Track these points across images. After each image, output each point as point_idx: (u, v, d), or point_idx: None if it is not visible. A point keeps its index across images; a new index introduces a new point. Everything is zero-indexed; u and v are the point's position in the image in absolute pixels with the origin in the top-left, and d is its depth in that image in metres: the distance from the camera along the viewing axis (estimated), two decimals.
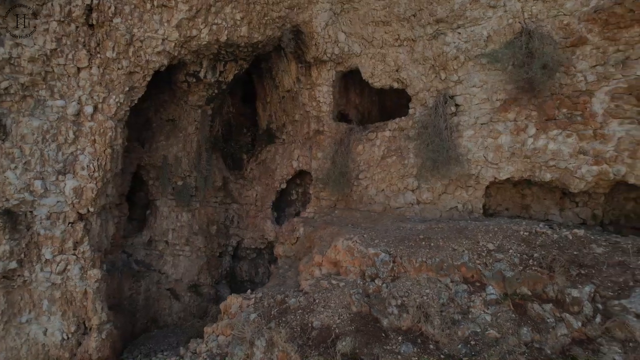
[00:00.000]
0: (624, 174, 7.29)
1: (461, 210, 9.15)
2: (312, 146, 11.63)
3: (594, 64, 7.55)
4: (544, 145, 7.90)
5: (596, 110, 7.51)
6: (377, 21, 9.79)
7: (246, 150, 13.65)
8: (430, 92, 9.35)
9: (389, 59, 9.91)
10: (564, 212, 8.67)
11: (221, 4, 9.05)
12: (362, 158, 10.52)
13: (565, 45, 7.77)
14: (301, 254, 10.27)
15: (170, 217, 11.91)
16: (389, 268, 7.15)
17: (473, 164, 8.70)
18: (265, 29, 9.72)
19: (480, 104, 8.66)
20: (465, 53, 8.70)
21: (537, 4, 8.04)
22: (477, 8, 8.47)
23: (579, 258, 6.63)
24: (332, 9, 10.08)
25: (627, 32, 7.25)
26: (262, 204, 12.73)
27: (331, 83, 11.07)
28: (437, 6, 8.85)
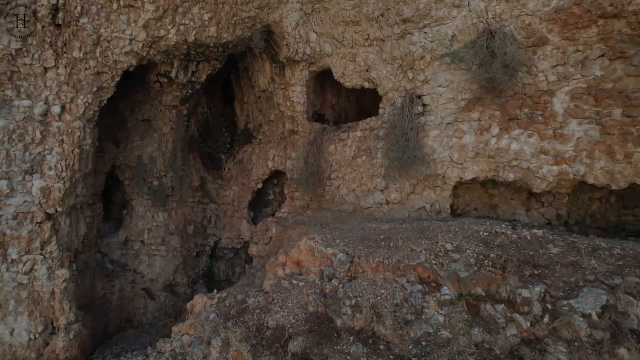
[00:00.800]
0: (583, 173, 7.27)
1: (429, 210, 9.14)
2: (287, 146, 11.64)
3: (554, 64, 7.54)
4: (507, 145, 7.89)
5: (557, 110, 7.50)
6: (347, 21, 9.79)
7: (225, 150, 13.67)
8: (399, 92, 9.35)
9: (359, 58, 9.91)
10: (530, 212, 8.65)
11: (188, 4, 9.06)
12: (334, 158, 10.52)
13: (527, 45, 7.75)
14: (273, 254, 10.28)
15: (146, 217, 11.93)
16: (346, 268, 7.14)
17: (439, 164, 8.69)
18: (234, 29, 9.73)
19: (447, 104, 8.65)
20: (431, 53, 8.69)
21: (500, 4, 8.02)
22: (442, 7, 8.46)
23: (534, 258, 6.62)
24: (303, 9, 10.09)
25: (585, 32, 7.24)
26: (239, 203, 12.75)
27: (304, 83, 11.07)
28: (404, 6, 8.85)
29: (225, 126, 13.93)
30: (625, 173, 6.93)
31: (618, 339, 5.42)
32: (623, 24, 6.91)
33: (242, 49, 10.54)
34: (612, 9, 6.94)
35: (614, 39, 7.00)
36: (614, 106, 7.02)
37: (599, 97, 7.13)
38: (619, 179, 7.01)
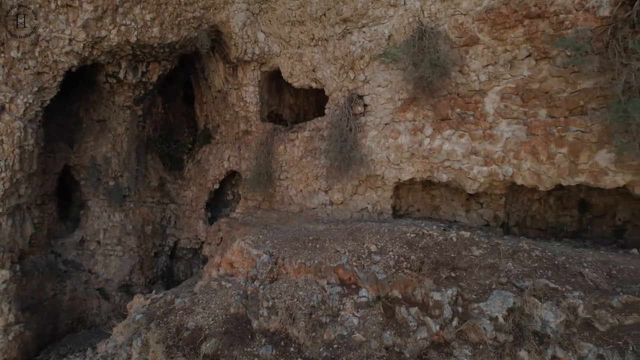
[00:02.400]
0: (512, 174, 7.19)
1: (371, 211, 9.07)
2: (241, 146, 11.59)
3: (485, 64, 7.45)
4: (439, 146, 7.81)
5: (488, 110, 7.41)
6: (293, 21, 9.72)
7: (187, 150, 13.64)
8: (342, 92, 9.28)
9: (305, 58, 9.85)
10: (469, 214, 8.57)
11: (129, 4, 9.03)
12: (284, 158, 10.46)
13: (460, 45, 7.67)
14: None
15: (102, 217, 11.91)
16: (268, 269, 7.08)
17: (377, 165, 8.62)
18: (179, 30, 9.69)
19: (385, 104, 8.58)
20: (370, 52, 8.63)
21: (435, 3, 7.94)
22: (379, 7, 8.39)
23: (455, 260, 6.53)
24: (250, 9, 10.03)
25: (512, 32, 7.15)
26: (197, 204, 12.71)
27: (257, 83, 11.02)
28: (343, 5, 8.78)
29: (187, 126, 13.90)
30: (549, 174, 6.84)
31: (520, 341, 5.35)
32: (546, 24, 6.82)
33: (192, 49, 10.49)
34: (536, 9, 6.86)
35: (538, 39, 6.91)
36: (540, 106, 6.94)
37: (525, 98, 7.04)
38: (545, 179, 6.92)
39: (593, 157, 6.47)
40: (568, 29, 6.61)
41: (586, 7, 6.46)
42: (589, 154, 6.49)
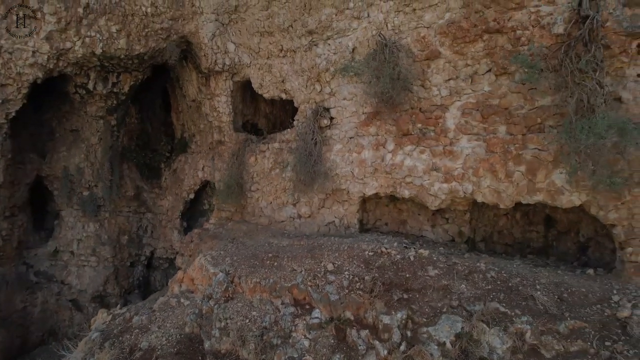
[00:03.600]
0: (472, 192, 7.07)
1: (338, 225, 8.96)
2: (215, 157, 11.50)
3: (447, 78, 7.34)
4: (401, 161, 7.70)
5: (449, 125, 7.30)
6: (262, 32, 9.62)
7: (164, 159, 13.55)
8: (310, 104, 9.17)
9: (274, 70, 9.75)
10: (435, 229, 8.46)
11: (94, 16, 8.94)
12: (255, 170, 10.37)
13: (422, 59, 7.56)
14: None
15: (76, 227, 11.84)
16: (224, 288, 6.98)
17: (342, 179, 8.52)
18: (147, 41, 9.60)
19: (350, 117, 8.47)
20: (335, 65, 8.52)
21: (399, 16, 7.83)
22: (343, 19, 8.28)
23: (410, 281, 6.42)
24: (219, 20, 9.93)
25: (473, 46, 7.03)
26: (172, 214, 12.63)
27: (229, 93, 10.92)
28: (308, 17, 8.68)
29: (165, 134, 13.81)
30: (509, 192, 6.73)
31: None
32: (505, 39, 6.70)
33: (162, 60, 10.39)
34: (495, 24, 6.75)
35: (497, 54, 6.80)
36: (499, 123, 6.83)
37: (485, 114, 6.93)
38: (505, 197, 6.81)
39: (550, 176, 6.35)
40: (525, 45, 6.50)
41: (542, 24, 6.35)
42: (545, 173, 6.38)
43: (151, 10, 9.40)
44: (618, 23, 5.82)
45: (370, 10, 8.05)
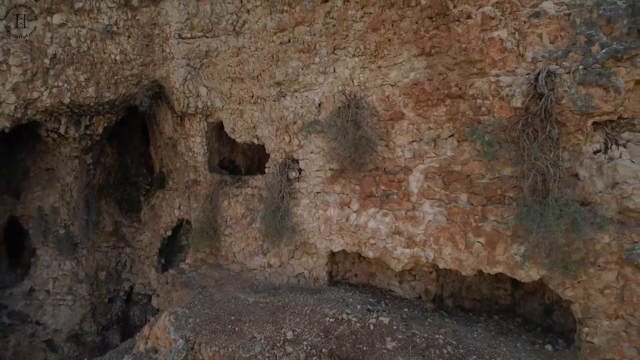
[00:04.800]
0: (433, 258, 6.99)
1: (307, 277, 8.89)
2: (190, 196, 11.44)
3: (410, 140, 7.26)
4: (365, 223, 7.62)
5: (412, 189, 7.21)
6: (233, 77, 9.54)
7: (144, 191, 13.49)
8: (280, 153, 9.09)
9: (246, 115, 9.67)
10: (402, 285, 8.38)
11: (61, 66, 8.87)
12: (228, 214, 10.29)
13: (387, 119, 7.47)
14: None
15: (52, 266, 11.79)
16: (183, 356, 6.91)
17: (310, 234, 8.44)
18: (117, 88, 9.53)
19: (318, 172, 8.39)
20: (302, 118, 8.44)
21: (364, 72, 7.74)
22: (310, 73, 8.20)
23: (367, 355, 6.35)
24: (191, 64, 9.85)
25: (436, 110, 6.95)
26: (150, 250, 12.57)
27: (204, 134, 10.85)
28: (276, 69, 8.60)
29: (145, 167, 13.75)
30: (469, 262, 6.64)
31: None
32: (467, 106, 6.61)
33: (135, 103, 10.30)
34: (457, 90, 6.66)
35: (460, 120, 6.70)
36: (461, 190, 6.74)
37: (447, 180, 6.84)
38: (466, 266, 6.72)
39: (509, 250, 6.26)
40: (485, 115, 6.41)
41: (501, 95, 6.26)
42: (504, 247, 6.29)
43: (120, 57, 9.32)
44: (573, 102, 5.72)
45: (337, 66, 7.96)
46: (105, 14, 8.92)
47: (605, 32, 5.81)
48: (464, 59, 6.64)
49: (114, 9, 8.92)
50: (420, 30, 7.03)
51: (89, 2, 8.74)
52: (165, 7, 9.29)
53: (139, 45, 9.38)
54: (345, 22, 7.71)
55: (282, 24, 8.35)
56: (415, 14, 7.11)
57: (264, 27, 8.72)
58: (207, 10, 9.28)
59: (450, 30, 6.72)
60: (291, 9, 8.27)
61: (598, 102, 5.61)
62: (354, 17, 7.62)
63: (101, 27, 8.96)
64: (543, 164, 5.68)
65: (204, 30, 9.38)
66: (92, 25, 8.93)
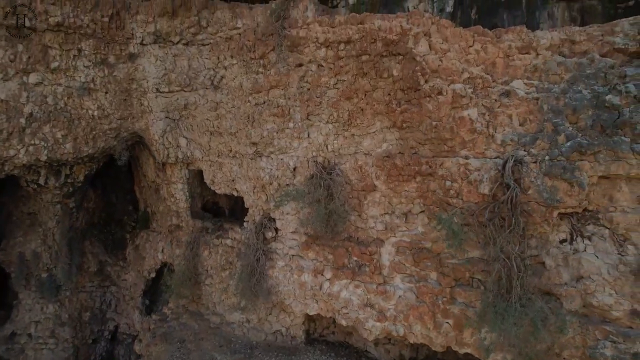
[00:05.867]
0: (404, 333, 6.98)
1: (285, 334, 8.89)
2: (173, 240, 11.42)
3: (382, 212, 7.25)
4: (338, 292, 7.61)
5: (384, 261, 7.20)
6: (212, 131, 9.52)
7: (129, 229, 13.45)
8: (258, 210, 9.08)
9: (225, 169, 9.65)
10: (378, 347, 8.38)
11: (37, 124, 8.85)
12: (209, 263, 10.27)
13: (360, 189, 7.45)
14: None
15: (35, 310, 11.76)
16: None
17: (285, 296, 8.42)
18: (95, 142, 9.51)
19: (293, 234, 8.38)
20: (278, 180, 8.42)
21: (338, 139, 7.73)
22: (284, 137, 8.18)
23: None
24: (170, 116, 9.82)
25: (407, 185, 6.93)
26: (134, 291, 12.55)
27: (185, 180, 10.82)
28: (252, 129, 8.58)
29: (131, 203, 13.71)
30: (438, 341, 6.63)
31: None
32: (437, 185, 6.59)
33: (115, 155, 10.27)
34: (427, 168, 6.64)
35: (430, 198, 6.68)
36: (431, 269, 6.73)
37: (417, 257, 6.84)
38: (436, 344, 6.71)
39: (476, 334, 6.25)
40: (454, 198, 6.39)
41: (470, 179, 6.23)
42: (471, 331, 6.27)
43: (98, 113, 9.30)
44: (539, 193, 5.70)
45: (311, 131, 7.94)
46: (81, 72, 8.90)
47: (571, 121, 5.80)
48: (434, 136, 6.62)
49: (90, 67, 8.89)
50: (392, 102, 7.01)
51: (65, 61, 8.72)
52: (142, 63, 9.26)
53: (117, 100, 9.36)
54: (319, 88, 7.69)
55: (257, 85, 8.33)
56: (388, 85, 7.10)
57: (240, 86, 8.71)
58: (184, 65, 9.27)
59: (422, 106, 6.70)
60: (266, 71, 8.26)
61: (563, 196, 5.59)
62: (328, 84, 7.61)
63: (78, 84, 8.94)
64: (509, 258, 5.66)
65: (182, 85, 9.36)
66: (68, 83, 8.90)
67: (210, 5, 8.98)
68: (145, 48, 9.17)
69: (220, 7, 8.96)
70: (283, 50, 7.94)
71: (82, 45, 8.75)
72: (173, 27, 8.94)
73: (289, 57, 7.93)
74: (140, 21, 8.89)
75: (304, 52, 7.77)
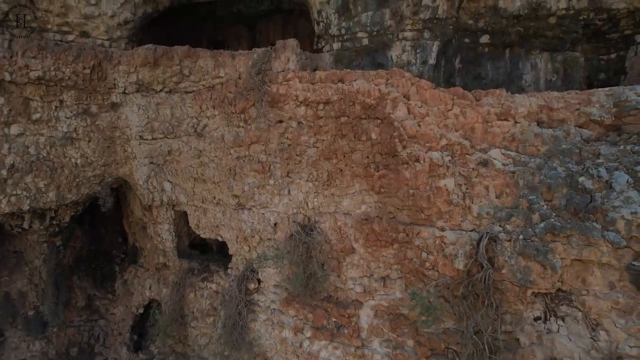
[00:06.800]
0: None
1: None
2: (160, 279, 11.42)
3: (361, 275, 7.24)
4: (317, 352, 7.61)
5: (362, 324, 7.20)
6: (196, 177, 9.50)
7: (119, 261, 13.44)
8: (241, 259, 9.07)
9: (209, 215, 9.63)
10: None
11: (19, 174, 8.84)
12: (195, 306, 10.27)
13: (339, 250, 7.44)
14: None
15: (21, 348, 11.76)
16: None
17: (267, 349, 8.43)
18: (79, 189, 9.50)
19: (276, 288, 8.37)
20: (260, 234, 8.41)
21: (318, 197, 7.71)
22: (265, 193, 8.16)
23: None
24: (154, 162, 9.80)
25: (385, 251, 6.92)
26: (122, 326, 12.55)
27: (172, 221, 10.81)
28: (233, 182, 8.57)
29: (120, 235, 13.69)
30: None
31: None
32: (413, 254, 6.57)
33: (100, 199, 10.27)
34: (404, 236, 6.63)
35: (407, 266, 6.67)
36: (408, 336, 6.73)
37: (395, 323, 6.84)
38: None
39: None
40: (430, 270, 6.38)
41: (445, 253, 6.22)
42: None
43: (81, 161, 9.29)
44: (513, 273, 5.69)
45: (291, 188, 7.92)
46: (64, 122, 8.89)
47: (546, 198, 5.78)
48: (412, 204, 6.61)
49: (72, 117, 8.87)
50: (370, 166, 6.99)
51: (47, 112, 8.71)
52: (125, 112, 9.24)
53: (100, 147, 9.35)
54: (299, 146, 7.67)
55: (239, 140, 8.31)
56: (366, 148, 7.07)
57: (222, 138, 8.69)
58: (167, 114, 9.24)
59: (399, 172, 6.69)
60: (247, 126, 8.24)
61: (536, 278, 5.57)
62: (307, 142, 7.58)
63: (60, 134, 8.92)
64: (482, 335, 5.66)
65: (165, 133, 9.34)
66: (50, 133, 8.89)
67: (193, 53, 8.94)
68: (128, 97, 9.14)
69: (203, 56, 8.92)
70: (263, 105, 7.91)
71: (64, 97, 8.73)
72: (155, 77, 8.91)
73: (270, 113, 7.90)
74: (122, 71, 8.85)
75: (284, 108, 7.75)
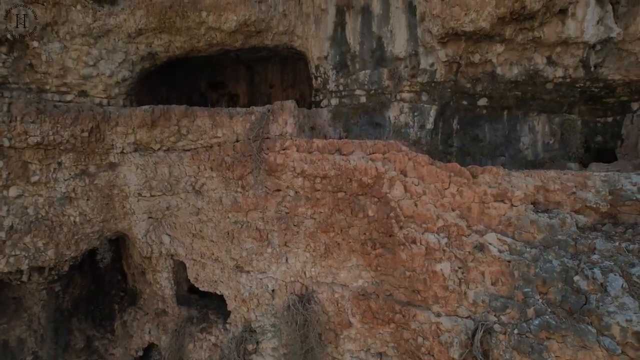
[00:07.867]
0: None
1: None
2: (159, 325, 11.46)
3: (358, 349, 7.28)
4: None
5: None
6: (194, 233, 9.54)
7: (118, 299, 13.48)
8: (240, 317, 9.10)
9: (208, 270, 9.67)
10: None
11: (18, 235, 8.87)
12: (194, 356, 10.33)
13: (336, 323, 7.48)
14: None
15: None
16: None
17: None
18: (78, 245, 9.53)
19: (273, 349, 8.41)
20: (258, 298, 8.45)
21: (315, 267, 7.75)
22: (262, 260, 8.21)
23: None
24: (153, 216, 9.83)
25: (381, 329, 6.96)
26: None
27: (170, 269, 10.85)
28: (231, 246, 8.60)
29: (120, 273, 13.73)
30: None
31: None
32: (409, 335, 6.61)
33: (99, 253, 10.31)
34: (400, 317, 6.67)
35: (403, 347, 6.71)
36: None
37: None
38: None
39: None
40: (426, 355, 6.42)
41: (441, 340, 6.25)
42: None
43: (80, 219, 9.32)
44: None
45: (289, 256, 7.96)
46: (62, 183, 8.91)
47: (541, 291, 5.80)
48: (408, 285, 6.65)
49: (70, 179, 8.90)
50: (367, 243, 7.02)
51: (45, 174, 8.73)
52: (123, 171, 9.27)
53: (99, 205, 9.38)
54: (296, 217, 7.70)
55: (237, 205, 8.35)
56: (363, 225, 7.11)
57: (220, 200, 8.72)
58: (165, 172, 9.27)
59: (396, 253, 6.72)
60: (245, 192, 8.27)
61: None
62: (305, 214, 7.61)
63: (59, 194, 8.95)
64: None
65: (163, 190, 9.37)
66: (49, 194, 8.91)
67: (190, 113, 8.96)
68: (126, 157, 9.17)
69: (201, 115, 8.95)
70: (261, 173, 7.94)
71: (62, 159, 8.75)
72: (153, 137, 8.93)
73: (267, 181, 7.93)
74: (120, 132, 8.88)
75: (282, 177, 7.78)
